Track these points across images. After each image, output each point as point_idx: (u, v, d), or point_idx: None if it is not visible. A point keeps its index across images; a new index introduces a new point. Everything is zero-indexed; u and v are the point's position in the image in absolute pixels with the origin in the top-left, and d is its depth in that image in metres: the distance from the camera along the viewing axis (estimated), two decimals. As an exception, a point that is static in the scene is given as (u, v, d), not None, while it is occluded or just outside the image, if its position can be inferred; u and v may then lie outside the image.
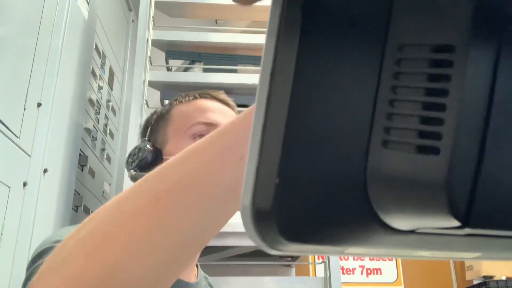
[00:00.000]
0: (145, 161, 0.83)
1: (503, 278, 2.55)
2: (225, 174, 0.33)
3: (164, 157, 0.83)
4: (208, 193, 0.33)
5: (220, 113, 0.83)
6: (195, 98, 0.86)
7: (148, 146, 0.84)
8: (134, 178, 0.87)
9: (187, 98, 0.86)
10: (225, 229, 0.38)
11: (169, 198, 0.33)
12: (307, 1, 0.18)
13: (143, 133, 0.91)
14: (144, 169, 0.84)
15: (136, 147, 0.87)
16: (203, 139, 0.35)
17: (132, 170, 0.86)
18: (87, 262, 0.33)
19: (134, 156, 0.86)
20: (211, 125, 0.81)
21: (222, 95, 0.87)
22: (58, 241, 0.58)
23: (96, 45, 1.78)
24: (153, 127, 0.88)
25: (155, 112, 0.91)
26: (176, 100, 0.88)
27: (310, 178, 0.18)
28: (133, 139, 1.56)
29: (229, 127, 0.34)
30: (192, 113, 0.83)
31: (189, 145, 0.93)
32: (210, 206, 0.33)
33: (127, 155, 0.91)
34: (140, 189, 0.35)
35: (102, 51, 1.88)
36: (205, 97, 0.86)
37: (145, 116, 1.47)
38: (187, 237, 0.34)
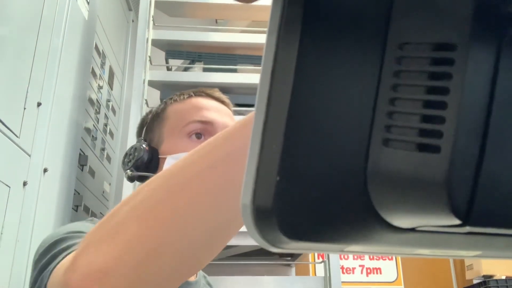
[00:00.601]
0: (141, 160, 0.83)
1: (503, 277, 2.55)
2: None
3: (160, 156, 0.83)
4: None
5: (216, 111, 0.83)
6: (190, 96, 0.85)
7: (144, 145, 0.84)
8: (130, 178, 0.87)
9: (182, 97, 0.86)
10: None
11: (224, 167, 0.34)
12: None
13: (139, 133, 0.91)
14: (140, 168, 0.83)
15: (132, 147, 0.87)
16: (240, 121, 0.36)
17: (128, 170, 0.86)
18: (139, 228, 0.34)
19: (130, 156, 0.86)
20: (207, 123, 0.80)
21: (217, 93, 0.86)
22: (70, 232, 0.56)
23: (96, 45, 1.78)
24: (149, 126, 0.88)
25: (150, 111, 0.91)
26: (171, 99, 0.87)
27: (310, 176, 0.18)
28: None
29: None
30: (187, 111, 0.82)
31: (185, 144, 0.91)
32: None
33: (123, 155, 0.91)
34: (192, 159, 0.36)
35: (102, 50, 1.88)
36: (200, 95, 0.85)
37: (145, 116, 1.46)
38: (234, 210, 0.35)
